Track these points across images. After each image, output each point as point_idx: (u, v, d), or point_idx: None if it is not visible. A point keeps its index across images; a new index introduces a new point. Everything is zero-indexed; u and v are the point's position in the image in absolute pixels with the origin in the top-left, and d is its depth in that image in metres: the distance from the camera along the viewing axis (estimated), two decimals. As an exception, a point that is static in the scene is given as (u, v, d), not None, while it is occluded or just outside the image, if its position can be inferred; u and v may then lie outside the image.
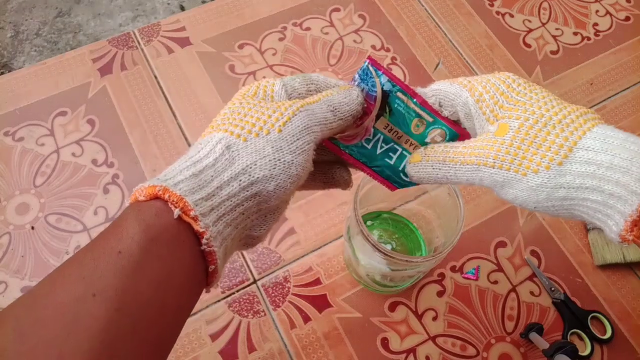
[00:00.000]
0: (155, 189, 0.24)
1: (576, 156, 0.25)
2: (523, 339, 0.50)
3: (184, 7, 0.86)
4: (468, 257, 0.54)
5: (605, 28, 0.71)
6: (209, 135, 0.27)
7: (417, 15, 0.70)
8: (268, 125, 0.27)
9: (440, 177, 0.30)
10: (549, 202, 0.26)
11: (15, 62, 0.79)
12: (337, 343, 0.49)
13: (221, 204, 0.25)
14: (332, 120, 0.29)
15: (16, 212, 0.54)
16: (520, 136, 0.26)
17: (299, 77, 0.31)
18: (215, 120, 0.28)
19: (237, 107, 0.28)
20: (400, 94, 0.31)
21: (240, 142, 0.26)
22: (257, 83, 0.30)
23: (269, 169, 0.26)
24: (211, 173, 0.26)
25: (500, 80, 0.29)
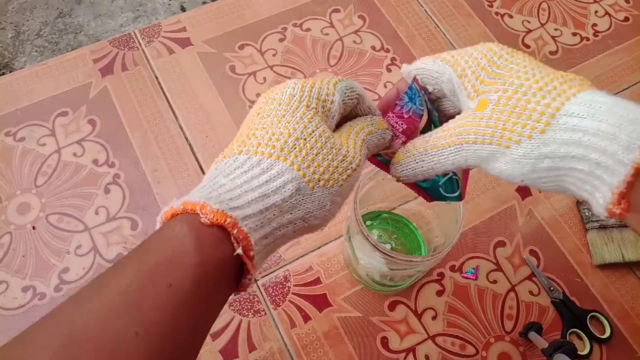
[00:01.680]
0: (226, 220, 0.23)
1: (559, 123, 0.23)
2: (522, 339, 0.50)
3: (184, 7, 0.86)
4: (467, 257, 0.54)
5: (604, 29, 0.71)
6: (280, 165, 0.25)
7: (417, 16, 0.70)
8: (335, 176, 0.27)
9: (426, 169, 0.29)
10: (534, 174, 0.25)
11: (16, 63, 0.79)
12: (337, 342, 0.49)
13: (272, 243, 0.26)
14: (366, 156, 0.30)
15: (17, 211, 0.54)
16: (500, 108, 0.25)
17: (348, 89, 0.30)
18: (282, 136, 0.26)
19: (308, 133, 0.26)
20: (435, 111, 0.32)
21: (308, 187, 0.26)
22: (316, 88, 0.28)
23: (320, 219, 0.27)
24: (275, 212, 0.25)
25: (482, 54, 0.28)
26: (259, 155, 0.26)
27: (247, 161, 0.25)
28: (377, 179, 0.45)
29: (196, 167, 0.57)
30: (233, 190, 0.24)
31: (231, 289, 0.25)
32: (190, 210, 0.23)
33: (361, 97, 0.31)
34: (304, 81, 0.29)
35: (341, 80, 0.30)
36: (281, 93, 0.28)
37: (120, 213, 0.54)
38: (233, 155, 0.26)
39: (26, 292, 0.50)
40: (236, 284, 0.25)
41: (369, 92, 0.63)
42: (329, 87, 0.29)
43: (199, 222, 0.23)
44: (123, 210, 0.55)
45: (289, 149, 0.26)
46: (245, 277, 0.25)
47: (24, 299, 0.50)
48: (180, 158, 0.58)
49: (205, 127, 0.60)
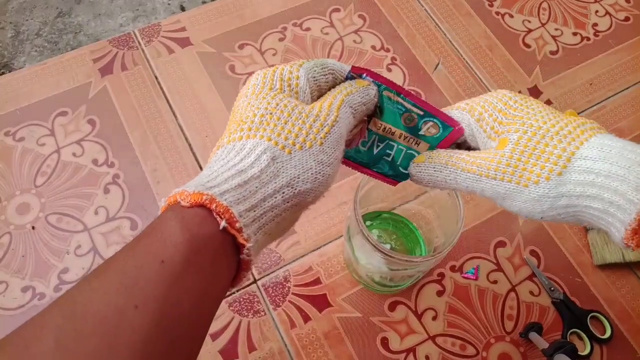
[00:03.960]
0: (202, 197, 0.24)
1: (575, 165, 0.25)
2: (522, 339, 0.50)
3: (184, 7, 0.86)
4: (468, 257, 0.54)
5: (604, 28, 0.71)
6: (251, 142, 0.26)
7: (417, 16, 0.70)
8: (310, 137, 0.27)
9: (440, 180, 0.31)
10: (553, 211, 0.27)
11: (15, 62, 0.79)
12: (337, 342, 0.49)
13: (263, 215, 0.26)
14: (353, 123, 0.30)
15: (17, 212, 0.54)
16: (520, 148, 0.27)
17: (318, 66, 0.31)
18: (247, 119, 0.27)
19: (272, 107, 0.28)
20: (387, 92, 0.32)
21: (284, 154, 0.26)
22: (279, 71, 0.29)
23: (310, 183, 0.27)
24: (256, 184, 0.25)
25: (497, 99, 0.30)
26: (232, 142, 0.27)
27: (223, 152, 0.27)
28: (377, 179, 0.44)
29: (196, 166, 0.57)
30: (210, 175, 0.26)
31: (232, 267, 0.25)
32: (173, 202, 0.25)
33: (337, 71, 0.31)
34: (267, 69, 0.30)
35: (308, 61, 0.31)
36: (246, 88, 0.29)
37: (120, 213, 0.54)
38: (213, 154, 0.28)
39: (26, 292, 0.50)
40: (235, 261, 0.25)
41: (369, 92, 0.63)
42: (292, 67, 0.30)
43: (182, 207, 0.24)
44: (122, 210, 0.55)
45: (257, 126, 0.27)
46: (241, 252, 0.25)
47: (23, 299, 0.50)
48: (179, 158, 0.58)
49: (205, 126, 0.60)
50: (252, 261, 0.26)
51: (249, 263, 0.26)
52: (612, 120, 0.64)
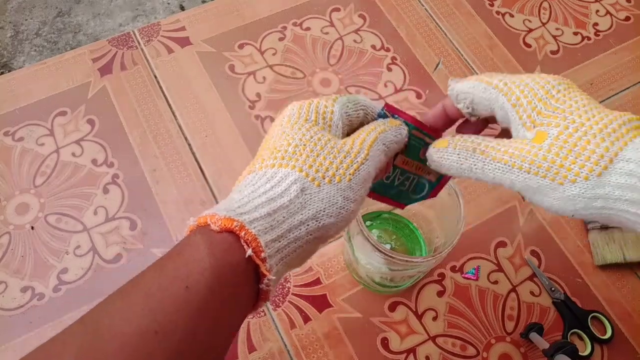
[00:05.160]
0: (233, 224, 0.24)
1: (616, 167, 0.24)
2: (523, 339, 0.50)
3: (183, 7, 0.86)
4: (468, 257, 0.54)
5: (605, 28, 0.71)
6: (283, 171, 0.27)
7: (417, 15, 0.70)
8: (340, 172, 0.28)
9: (465, 167, 0.29)
10: (586, 211, 0.26)
11: (15, 62, 0.79)
12: (337, 343, 0.49)
13: (287, 246, 0.26)
14: (384, 161, 0.31)
15: (16, 212, 0.54)
16: (559, 144, 0.26)
17: (351, 102, 0.31)
18: (281, 147, 0.28)
19: (307, 139, 0.28)
20: (415, 131, 0.33)
21: (313, 186, 0.27)
22: (314, 104, 0.30)
23: (334, 217, 0.27)
24: (284, 214, 0.26)
25: (539, 85, 0.28)
26: (264, 169, 0.28)
27: (254, 177, 0.27)
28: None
29: (195, 166, 0.57)
30: (241, 200, 0.26)
31: (251, 298, 0.26)
32: (203, 223, 0.25)
33: (368, 107, 0.32)
34: (303, 101, 0.30)
35: (342, 95, 0.31)
36: (282, 117, 0.30)
37: (119, 213, 0.54)
38: (244, 178, 0.28)
39: (25, 293, 0.50)
40: (256, 291, 0.26)
41: (369, 92, 0.63)
42: (327, 102, 0.31)
43: (211, 230, 0.24)
44: (122, 210, 0.54)
45: (290, 156, 0.28)
46: (261, 281, 0.25)
47: (22, 299, 0.50)
48: (179, 158, 0.58)
49: (205, 126, 0.60)
50: (271, 291, 0.26)
51: (267, 293, 0.26)
52: (613, 120, 0.64)
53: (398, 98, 0.63)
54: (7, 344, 0.48)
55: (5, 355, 0.47)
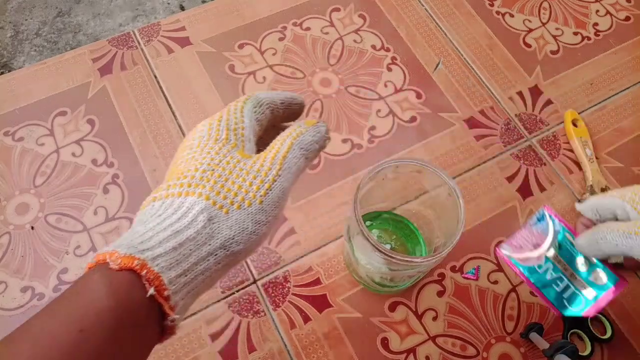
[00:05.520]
0: (133, 262, 0.23)
1: None
2: (523, 339, 0.50)
3: (183, 7, 0.86)
4: (468, 257, 0.54)
5: (605, 28, 0.71)
6: (190, 200, 0.26)
7: (417, 15, 0.70)
8: (250, 195, 0.27)
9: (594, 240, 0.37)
10: None
11: (15, 62, 0.79)
12: (337, 343, 0.49)
13: (194, 279, 0.25)
14: (305, 164, 0.30)
15: (16, 212, 0.54)
16: None
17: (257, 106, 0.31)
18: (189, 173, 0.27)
19: (215, 163, 0.27)
20: (568, 234, 0.40)
21: (222, 214, 0.26)
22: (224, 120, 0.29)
23: (244, 244, 0.27)
24: (191, 246, 0.25)
25: None
26: (170, 197, 0.26)
27: (161, 206, 0.26)
28: (377, 179, 0.44)
29: (195, 167, 0.57)
30: (145, 234, 0.25)
31: (155, 335, 0.25)
32: (102, 261, 0.23)
33: (272, 102, 0.32)
34: (212, 118, 0.30)
35: (247, 101, 0.31)
36: (192, 139, 0.29)
37: (119, 213, 0.54)
38: (149, 204, 0.27)
39: (25, 293, 0.50)
40: (160, 326, 0.25)
41: (369, 92, 0.63)
42: (236, 115, 0.30)
43: (111, 269, 0.23)
44: (122, 210, 0.54)
45: (197, 182, 0.27)
46: (166, 319, 0.24)
47: (22, 299, 0.50)
48: (179, 158, 0.58)
49: (205, 126, 0.60)
50: (177, 326, 0.25)
51: (174, 328, 0.25)
52: (613, 120, 0.64)
53: (398, 98, 0.63)
54: (7, 344, 0.48)
55: (5, 355, 0.47)
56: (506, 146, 0.61)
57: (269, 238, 0.54)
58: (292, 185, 0.29)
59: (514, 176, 0.59)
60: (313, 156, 0.31)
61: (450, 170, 0.59)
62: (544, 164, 0.60)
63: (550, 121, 0.63)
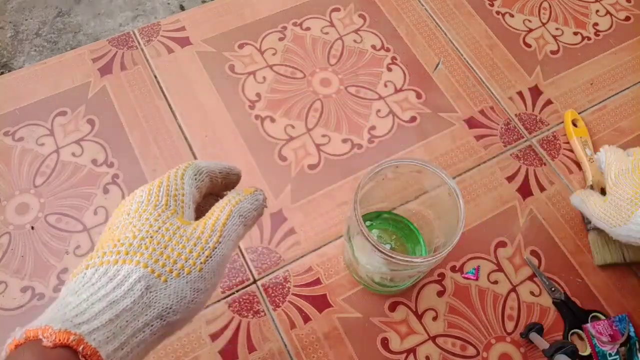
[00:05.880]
0: (69, 338, 0.22)
1: (632, 220, 0.43)
2: (523, 339, 0.50)
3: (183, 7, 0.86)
4: (468, 257, 0.54)
5: (605, 28, 0.71)
6: (127, 268, 0.25)
7: (417, 15, 0.70)
8: (190, 262, 0.26)
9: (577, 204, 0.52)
10: (631, 239, 0.45)
11: (15, 62, 0.79)
12: (337, 343, 0.49)
13: (130, 352, 0.24)
14: (244, 231, 0.30)
15: (16, 212, 0.54)
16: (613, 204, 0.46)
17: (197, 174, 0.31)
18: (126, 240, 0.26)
19: (154, 230, 0.27)
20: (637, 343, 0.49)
21: (160, 282, 0.25)
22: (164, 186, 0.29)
23: (181, 312, 0.26)
24: (127, 317, 0.24)
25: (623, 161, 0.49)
26: (105, 264, 0.25)
27: (94, 274, 0.25)
28: (377, 179, 0.44)
29: (195, 167, 0.57)
30: (79, 306, 0.24)
31: None
32: (33, 337, 0.22)
33: (211, 171, 0.32)
34: (152, 184, 0.29)
35: (187, 169, 0.31)
36: (130, 203, 0.29)
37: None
38: (81, 272, 0.26)
39: (25, 293, 0.50)
40: None
41: (369, 92, 0.63)
42: (177, 182, 0.30)
43: (43, 346, 0.22)
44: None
45: (135, 250, 0.26)
46: None
47: (22, 299, 0.50)
48: (179, 158, 0.58)
49: (205, 126, 0.60)
50: None
51: None
52: (613, 120, 0.64)
53: (398, 98, 0.63)
54: (7, 344, 0.48)
55: (5, 355, 0.47)
56: (506, 146, 0.61)
57: (269, 238, 0.54)
58: (231, 252, 0.29)
59: (514, 176, 0.59)
60: (251, 223, 0.31)
61: (450, 170, 0.59)
62: (544, 164, 0.60)
63: (550, 121, 0.63)
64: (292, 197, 0.56)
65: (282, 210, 0.55)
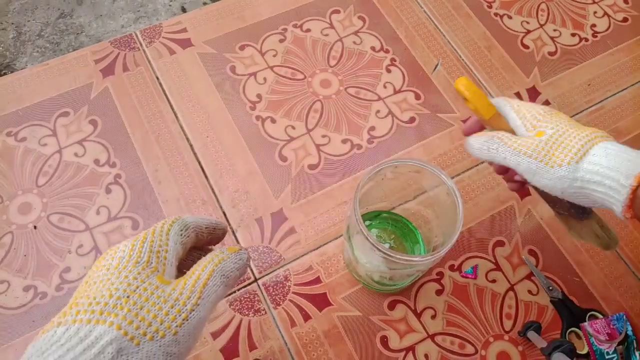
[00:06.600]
0: None
1: (587, 159, 0.35)
2: (521, 338, 0.50)
3: (185, 8, 0.87)
4: (466, 256, 0.54)
5: (603, 29, 0.71)
6: (99, 329, 0.24)
7: (416, 17, 0.70)
8: (165, 325, 0.26)
9: (485, 149, 0.39)
10: (571, 190, 0.35)
11: (17, 63, 0.80)
12: (337, 341, 0.49)
13: None
14: (224, 291, 0.30)
15: (19, 211, 0.54)
16: (552, 140, 0.36)
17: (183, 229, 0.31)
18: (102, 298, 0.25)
19: (132, 290, 0.26)
20: (635, 342, 0.50)
21: (132, 345, 0.25)
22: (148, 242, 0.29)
23: None
24: None
25: (539, 107, 0.39)
26: (77, 323, 0.25)
27: (64, 333, 0.24)
28: (376, 179, 0.45)
29: (197, 167, 0.58)
30: None
31: None
32: None
33: (197, 226, 0.32)
34: (135, 238, 0.29)
35: (174, 224, 0.30)
36: (111, 258, 0.28)
37: (122, 213, 0.55)
38: (51, 329, 0.25)
39: (27, 292, 0.51)
40: None
41: (369, 93, 0.64)
42: (162, 237, 0.29)
43: None
44: (124, 210, 0.55)
45: (109, 310, 0.25)
46: None
47: (25, 298, 0.50)
48: (181, 158, 0.58)
49: (206, 127, 0.60)
50: None
51: None
52: (610, 120, 0.64)
53: (397, 99, 0.64)
54: (9, 343, 0.48)
55: (7, 353, 0.48)
56: (504, 146, 0.61)
57: (269, 237, 0.54)
58: (209, 314, 0.28)
59: (512, 176, 0.59)
60: (233, 283, 0.31)
61: (448, 170, 0.59)
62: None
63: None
64: (292, 197, 0.57)
65: (283, 209, 0.56)
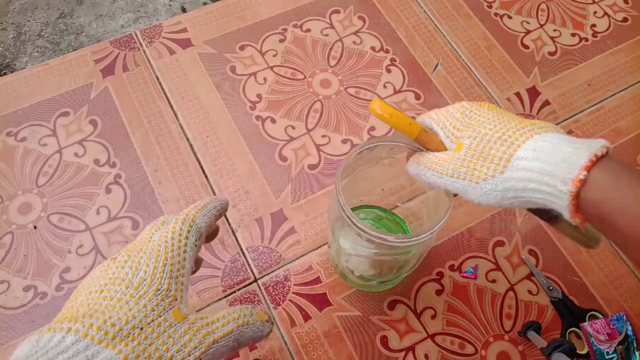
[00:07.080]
0: None
1: (514, 165, 0.30)
2: (521, 337, 0.50)
3: (185, 8, 0.87)
4: (466, 256, 0.54)
5: (603, 29, 0.71)
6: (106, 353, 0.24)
7: (416, 17, 0.70)
8: None
9: (415, 174, 0.37)
10: (506, 201, 0.31)
11: (17, 63, 0.80)
12: (337, 341, 0.49)
13: None
14: (231, 351, 0.29)
15: (19, 211, 0.54)
16: (471, 152, 0.32)
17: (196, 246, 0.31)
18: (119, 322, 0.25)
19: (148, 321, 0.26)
20: (635, 342, 0.50)
21: None
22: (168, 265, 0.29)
23: None
24: None
25: (457, 110, 0.35)
26: (88, 339, 0.24)
27: (73, 345, 0.24)
28: (370, 159, 0.43)
29: (197, 167, 0.58)
30: None
31: None
32: None
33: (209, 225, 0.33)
34: (157, 257, 0.29)
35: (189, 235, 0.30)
36: (132, 275, 0.28)
37: (122, 213, 0.55)
38: (60, 332, 0.24)
39: (27, 292, 0.51)
40: None
41: (368, 93, 0.64)
42: (179, 258, 0.29)
43: None
44: (124, 210, 0.55)
45: (122, 338, 0.25)
46: None
47: (25, 298, 0.50)
48: (181, 158, 0.58)
49: (206, 127, 0.60)
50: None
51: None
52: (611, 120, 0.64)
53: (397, 99, 0.64)
54: (9, 343, 0.48)
55: (7, 353, 0.48)
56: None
57: (269, 237, 0.54)
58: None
59: (512, 176, 0.59)
60: (242, 348, 0.30)
61: (449, 170, 0.59)
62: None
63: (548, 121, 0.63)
64: (292, 197, 0.57)
65: (283, 209, 0.56)
